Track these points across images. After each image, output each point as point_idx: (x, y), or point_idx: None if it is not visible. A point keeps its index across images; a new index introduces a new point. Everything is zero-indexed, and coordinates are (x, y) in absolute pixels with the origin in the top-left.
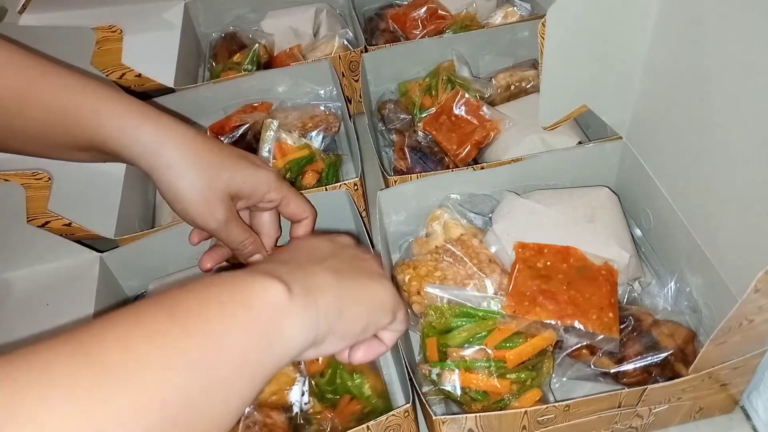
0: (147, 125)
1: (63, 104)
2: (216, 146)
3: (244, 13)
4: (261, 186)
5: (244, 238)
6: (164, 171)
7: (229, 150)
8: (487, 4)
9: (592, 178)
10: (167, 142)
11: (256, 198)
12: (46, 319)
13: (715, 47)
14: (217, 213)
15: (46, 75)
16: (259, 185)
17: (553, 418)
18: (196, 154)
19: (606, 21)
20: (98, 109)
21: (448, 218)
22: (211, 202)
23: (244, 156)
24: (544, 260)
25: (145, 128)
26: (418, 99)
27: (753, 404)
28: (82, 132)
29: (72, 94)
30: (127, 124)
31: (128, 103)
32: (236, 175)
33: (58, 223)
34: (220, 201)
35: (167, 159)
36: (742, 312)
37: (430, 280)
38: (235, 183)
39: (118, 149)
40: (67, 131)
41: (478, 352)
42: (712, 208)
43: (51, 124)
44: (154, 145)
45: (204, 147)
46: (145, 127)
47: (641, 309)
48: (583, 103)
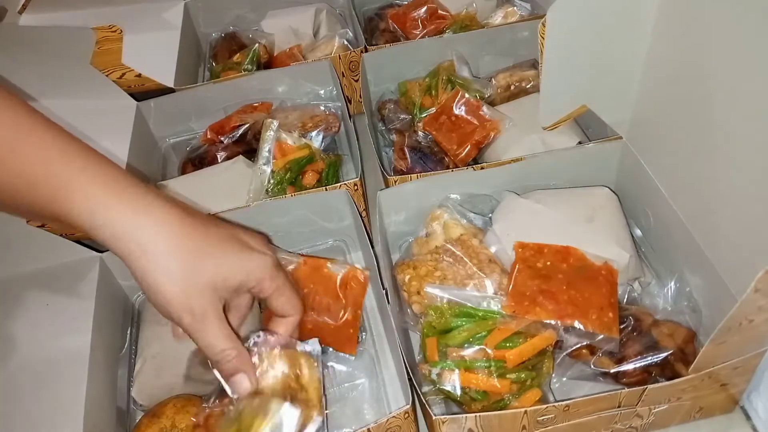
0: (122, 205)
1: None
2: (203, 229)
3: (244, 13)
4: (253, 275)
5: (224, 347)
6: (138, 257)
7: (219, 233)
8: (487, 4)
9: (592, 178)
10: (145, 225)
11: (245, 288)
12: (46, 319)
13: (715, 47)
14: (193, 306)
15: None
16: (251, 274)
17: (553, 418)
18: (176, 238)
19: (606, 21)
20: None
21: (448, 218)
22: (188, 293)
23: (236, 239)
24: (544, 260)
25: (119, 209)
26: (418, 99)
27: (753, 404)
28: (50, 206)
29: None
30: (99, 204)
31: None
32: (223, 263)
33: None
34: (199, 293)
35: (143, 244)
36: (742, 312)
37: (430, 280)
38: (221, 272)
39: (89, 231)
40: (34, 202)
41: (478, 352)
42: (712, 208)
43: (19, 190)
44: (130, 228)
45: (188, 231)
46: (119, 208)
47: (641, 309)
48: (583, 103)
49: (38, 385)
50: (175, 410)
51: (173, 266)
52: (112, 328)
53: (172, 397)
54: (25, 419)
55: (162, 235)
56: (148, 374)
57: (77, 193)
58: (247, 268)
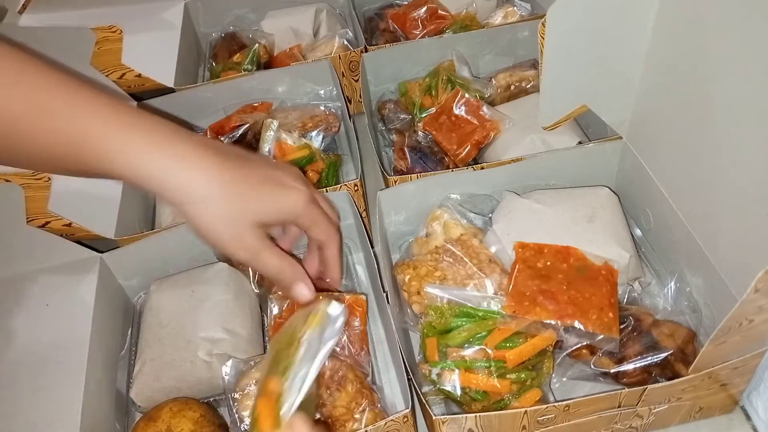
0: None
1: (73, 132)
2: (242, 173)
3: (244, 13)
4: (290, 210)
5: (279, 267)
6: (191, 205)
7: (255, 175)
8: (487, 4)
9: (592, 178)
10: (192, 175)
11: (287, 221)
12: (46, 319)
13: (715, 47)
14: (247, 244)
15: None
16: (289, 209)
17: (553, 418)
18: (223, 186)
19: (606, 21)
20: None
21: (448, 218)
22: (239, 233)
23: (271, 178)
24: (544, 260)
25: (160, 161)
26: (418, 99)
27: (753, 404)
28: (96, 163)
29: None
30: (144, 156)
31: (146, 129)
32: (265, 202)
33: (58, 223)
34: (249, 231)
35: (193, 193)
36: (742, 312)
37: (430, 280)
38: (263, 212)
39: (139, 183)
40: (77, 161)
41: (478, 352)
42: (712, 208)
43: (60, 154)
44: (179, 179)
45: (231, 176)
46: (159, 160)
47: (641, 309)
48: (583, 103)
49: (37, 385)
50: (171, 414)
51: (221, 212)
52: (112, 329)
53: (169, 400)
54: (24, 419)
55: (210, 183)
56: (147, 376)
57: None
58: (284, 206)
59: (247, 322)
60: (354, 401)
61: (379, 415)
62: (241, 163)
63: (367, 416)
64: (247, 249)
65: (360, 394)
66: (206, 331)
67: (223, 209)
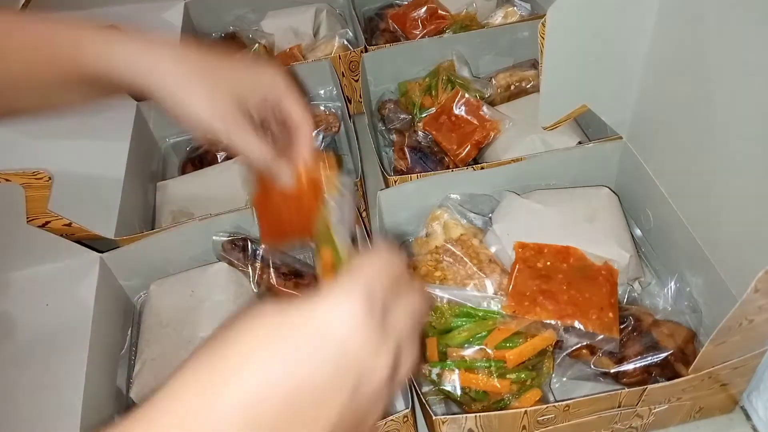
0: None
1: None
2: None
3: (244, 13)
4: (264, 81)
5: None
6: (163, 84)
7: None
8: (487, 4)
9: (592, 178)
10: (162, 58)
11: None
12: (46, 319)
13: (715, 47)
14: (226, 114)
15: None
16: (263, 81)
17: (553, 418)
18: (193, 62)
19: (606, 21)
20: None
21: (448, 218)
22: (218, 104)
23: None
24: (544, 260)
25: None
26: (418, 99)
27: (753, 404)
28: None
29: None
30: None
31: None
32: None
33: (58, 223)
34: (229, 103)
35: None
36: (742, 312)
37: (430, 280)
38: (239, 83)
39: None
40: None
41: (478, 352)
42: (712, 208)
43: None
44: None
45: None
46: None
47: (641, 309)
48: (583, 103)
49: (37, 385)
50: None
51: (197, 85)
52: (112, 328)
53: None
54: (24, 418)
55: (182, 62)
56: (146, 376)
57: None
58: (262, 78)
59: None
60: None
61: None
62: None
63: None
64: (227, 120)
65: None
66: (206, 330)
67: (199, 82)
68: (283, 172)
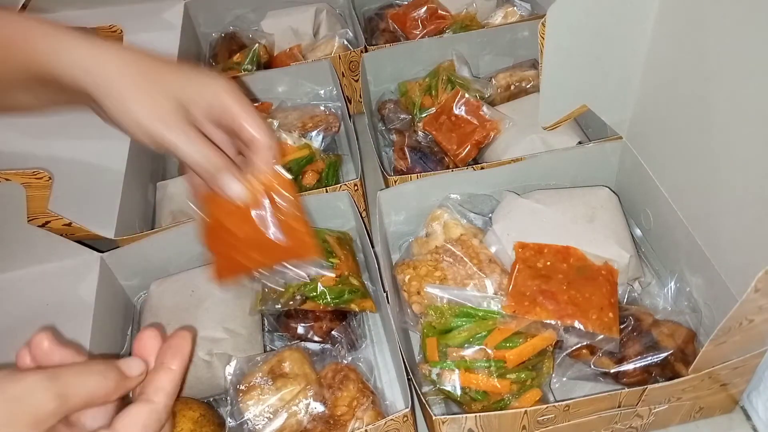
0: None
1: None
2: (158, 57)
3: (244, 13)
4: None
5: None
6: (107, 86)
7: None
8: (487, 4)
9: (592, 178)
10: (108, 57)
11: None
12: (46, 319)
13: (714, 47)
14: (168, 119)
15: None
16: (212, 89)
17: (553, 418)
18: (138, 64)
19: (606, 21)
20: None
21: (448, 218)
22: (160, 109)
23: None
24: (544, 260)
25: (83, 47)
26: (418, 99)
27: (753, 404)
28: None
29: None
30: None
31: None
32: (186, 81)
33: (58, 223)
34: (170, 108)
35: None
36: (742, 312)
37: (430, 280)
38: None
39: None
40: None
41: (478, 352)
42: (712, 208)
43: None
44: (94, 61)
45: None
46: (82, 46)
47: (641, 309)
48: (583, 103)
49: None
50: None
51: (142, 88)
52: (112, 328)
53: None
54: None
55: (126, 64)
56: None
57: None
58: (212, 88)
59: (247, 322)
60: (355, 400)
61: (380, 415)
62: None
63: (368, 415)
64: (167, 126)
65: (361, 393)
66: (206, 330)
67: (140, 86)
68: (233, 183)
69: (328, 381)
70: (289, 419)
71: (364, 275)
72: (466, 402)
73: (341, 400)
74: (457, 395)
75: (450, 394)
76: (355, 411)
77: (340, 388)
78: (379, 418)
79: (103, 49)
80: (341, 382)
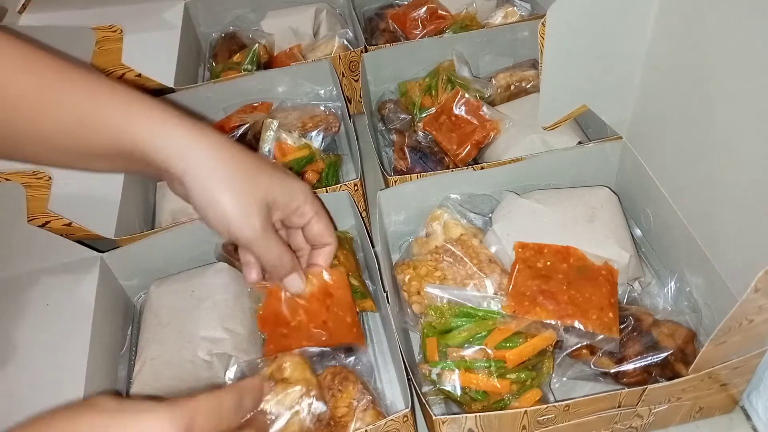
0: (181, 128)
1: (86, 107)
2: (251, 154)
3: (244, 13)
4: (297, 196)
5: (281, 252)
6: (199, 175)
7: (264, 161)
8: (487, 4)
9: (592, 178)
10: (203, 145)
11: (290, 209)
12: (46, 319)
13: (714, 47)
14: (254, 220)
15: (64, 75)
16: (296, 195)
17: (553, 418)
18: (233, 160)
19: (606, 21)
20: (126, 111)
21: (448, 218)
22: (247, 209)
23: (279, 167)
24: (544, 260)
25: (178, 131)
26: (418, 99)
27: (753, 404)
28: (107, 135)
29: (96, 95)
30: (158, 127)
31: (159, 106)
32: (273, 183)
33: (58, 223)
34: (257, 209)
35: (202, 162)
36: (742, 312)
37: (430, 280)
38: (273, 191)
39: (148, 153)
40: (89, 135)
41: (478, 352)
42: (712, 208)
43: (71, 129)
44: (189, 147)
45: (240, 154)
46: (178, 130)
47: (641, 309)
48: (583, 103)
49: (37, 385)
50: None
51: (232, 184)
52: (112, 328)
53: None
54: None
55: (220, 155)
56: (146, 376)
57: (135, 119)
58: (293, 190)
59: (247, 322)
60: (355, 401)
61: (380, 415)
62: (248, 150)
63: (368, 415)
64: (252, 227)
65: (361, 394)
66: (206, 330)
67: (232, 181)
68: (299, 282)
69: (328, 383)
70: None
71: (364, 275)
72: (466, 402)
73: (341, 402)
74: (457, 395)
75: (450, 394)
76: (354, 411)
77: (339, 389)
78: (379, 418)
79: (198, 138)
80: (341, 384)
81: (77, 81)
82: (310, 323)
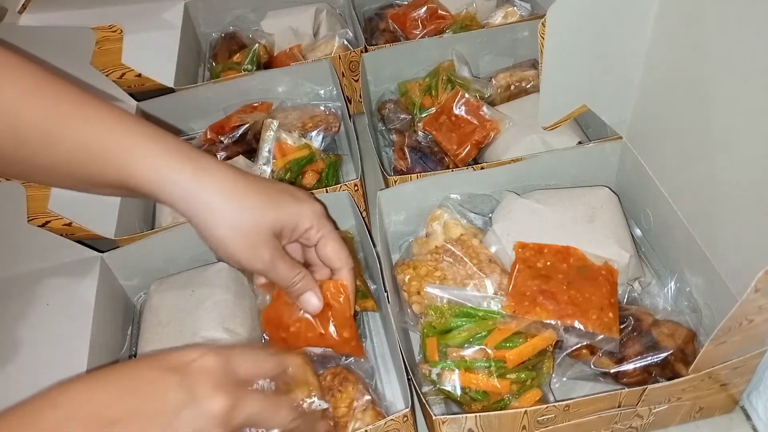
0: (186, 167)
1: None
2: (258, 185)
3: (244, 13)
4: (303, 222)
5: (293, 276)
6: (205, 216)
7: (271, 187)
8: (487, 4)
9: (592, 178)
10: (207, 185)
11: (297, 234)
12: (46, 319)
13: (714, 47)
14: (263, 254)
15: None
16: (302, 221)
17: (553, 418)
18: (237, 196)
19: (606, 21)
20: (133, 149)
21: (448, 218)
22: (255, 244)
23: (286, 191)
24: (544, 260)
25: (183, 171)
26: (418, 99)
27: (753, 404)
28: (114, 172)
29: (103, 130)
30: (163, 166)
31: (165, 142)
32: (280, 213)
33: (58, 223)
34: (264, 242)
35: (208, 203)
36: (742, 312)
37: (430, 280)
38: (280, 221)
39: (154, 192)
40: (97, 169)
41: (478, 352)
42: (712, 208)
43: (79, 161)
44: (194, 188)
45: (246, 188)
46: (183, 170)
47: (641, 309)
48: (583, 103)
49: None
50: None
51: (237, 222)
52: (112, 328)
53: None
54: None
55: (225, 193)
56: None
57: (140, 157)
58: (300, 215)
59: (247, 322)
60: (355, 401)
61: (380, 415)
62: (257, 179)
63: (368, 415)
64: (263, 260)
65: (361, 394)
66: (206, 330)
67: (238, 220)
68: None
69: (328, 383)
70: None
71: (365, 275)
72: (466, 402)
73: (341, 402)
74: (457, 395)
75: (450, 394)
76: (354, 411)
77: (339, 390)
78: (379, 418)
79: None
80: (341, 384)
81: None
82: (307, 332)
